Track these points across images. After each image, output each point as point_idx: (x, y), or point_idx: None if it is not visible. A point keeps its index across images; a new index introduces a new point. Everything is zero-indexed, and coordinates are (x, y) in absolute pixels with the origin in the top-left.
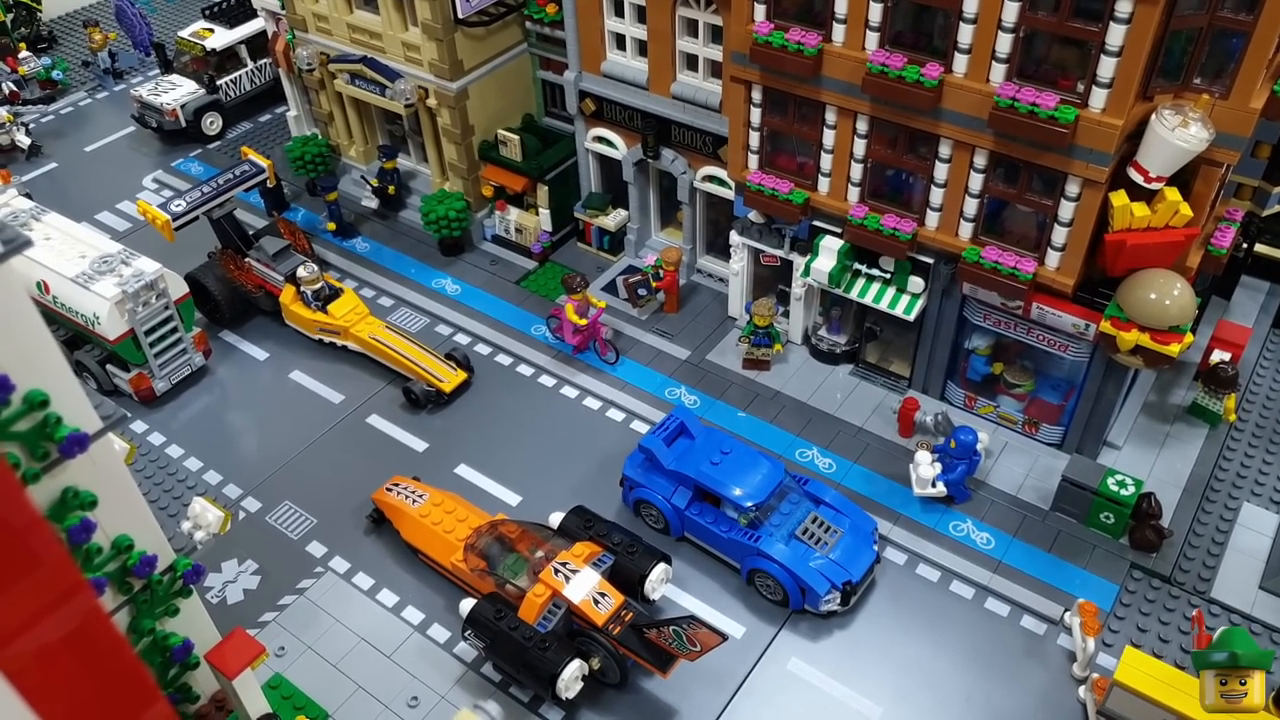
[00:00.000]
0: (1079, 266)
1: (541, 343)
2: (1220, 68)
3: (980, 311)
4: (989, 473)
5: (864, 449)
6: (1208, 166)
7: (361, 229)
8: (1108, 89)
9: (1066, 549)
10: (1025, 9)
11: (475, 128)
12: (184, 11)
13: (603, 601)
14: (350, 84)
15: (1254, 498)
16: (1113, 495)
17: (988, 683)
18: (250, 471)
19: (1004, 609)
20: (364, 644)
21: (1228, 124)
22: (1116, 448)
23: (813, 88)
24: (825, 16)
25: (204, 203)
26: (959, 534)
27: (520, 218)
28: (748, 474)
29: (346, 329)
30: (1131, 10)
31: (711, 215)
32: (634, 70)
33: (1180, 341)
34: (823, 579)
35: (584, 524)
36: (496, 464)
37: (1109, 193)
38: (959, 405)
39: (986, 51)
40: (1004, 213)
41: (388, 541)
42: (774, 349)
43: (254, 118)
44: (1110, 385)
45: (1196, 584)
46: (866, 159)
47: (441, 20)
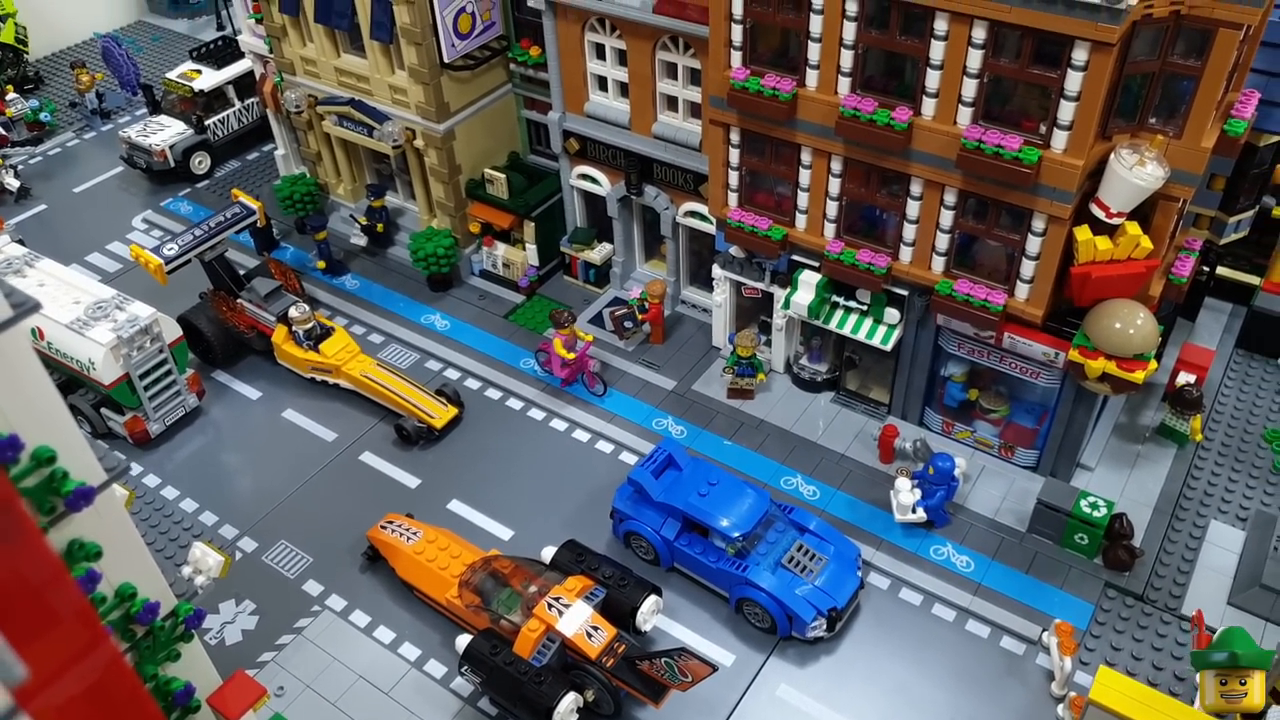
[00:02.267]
0: (1047, 298)
1: (530, 376)
2: (1173, 109)
3: (954, 341)
4: (967, 497)
5: (846, 475)
6: (1165, 201)
7: (351, 266)
8: (1068, 131)
9: (1043, 570)
10: (988, 56)
11: (462, 167)
12: (169, 51)
13: (596, 635)
14: (338, 125)
15: (1221, 515)
16: (1086, 517)
17: (970, 703)
18: (245, 511)
19: (984, 630)
20: (362, 681)
21: (1182, 162)
22: (1090, 469)
23: (788, 130)
24: (799, 62)
25: (196, 246)
26: (940, 558)
27: (507, 253)
28: (734, 504)
29: (339, 367)
30: (1087, 58)
31: (694, 247)
32: (616, 111)
33: (1145, 368)
34: (809, 606)
35: (575, 558)
36: (488, 499)
37: (1073, 228)
38: (937, 430)
39: (953, 96)
40: (974, 247)
41: (383, 579)
42: (757, 378)
43: (242, 156)
44: (1081, 410)
45: (1168, 601)
46: (841, 197)
47: (428, 64)
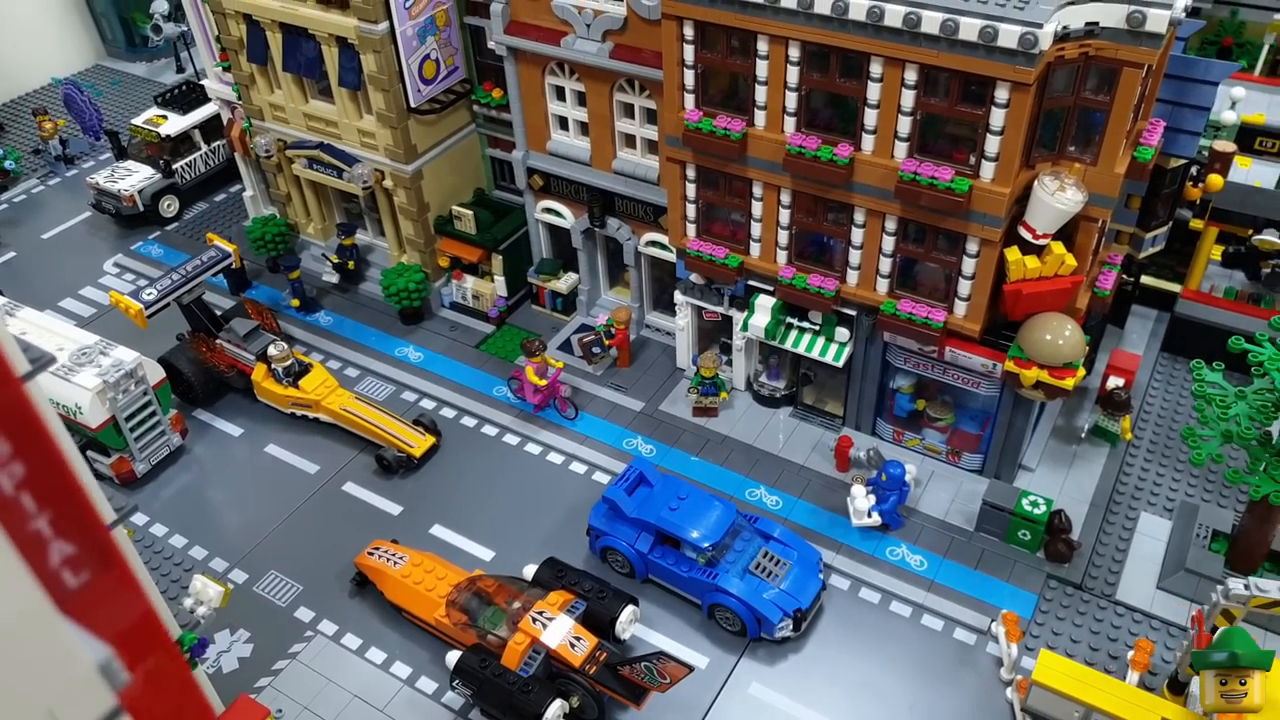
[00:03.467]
0: (983, 314)
1: (504, 403)
2: (1089, 139)
3: (901, 355)
4: (919, 500)
5: (806, 485)
6: (1086, 222)
7: (324, 303)
8: (995, 162)
9: (990, 565)
10: (920, 96)
11: (430, 204)
12: (129, 95)
13: (578, 645)
14: (308, 168)
15: (1150, 507)
16: (1027, 515)
17: (928, 691)
18: (235, 544)
19: (938, 624)
20: (357, 700)
21: (1098, 186)
22: (1030, 470)
23: (740, 166)
24: (748, 104)
25: (174, 290)
26: (895, 558)
27: (477, 285)
28: (703, 517)
29: (318, 402)
30: (1008, 96)
31: (656, 273)
32: (577, 149)
33: (1074, 375)
34: (776, 609)
35: (556, 574)
36: (469, 522)
37: (1004, 249)
38: (889, 439)
39: (890, 132)
40: (915, 269)
41: (372, 602)
42: (720, 397)
43: (210, 198)
44: (1019, 416)
45: (1104, 588)
46: (791, 226)
47: (395, 109)
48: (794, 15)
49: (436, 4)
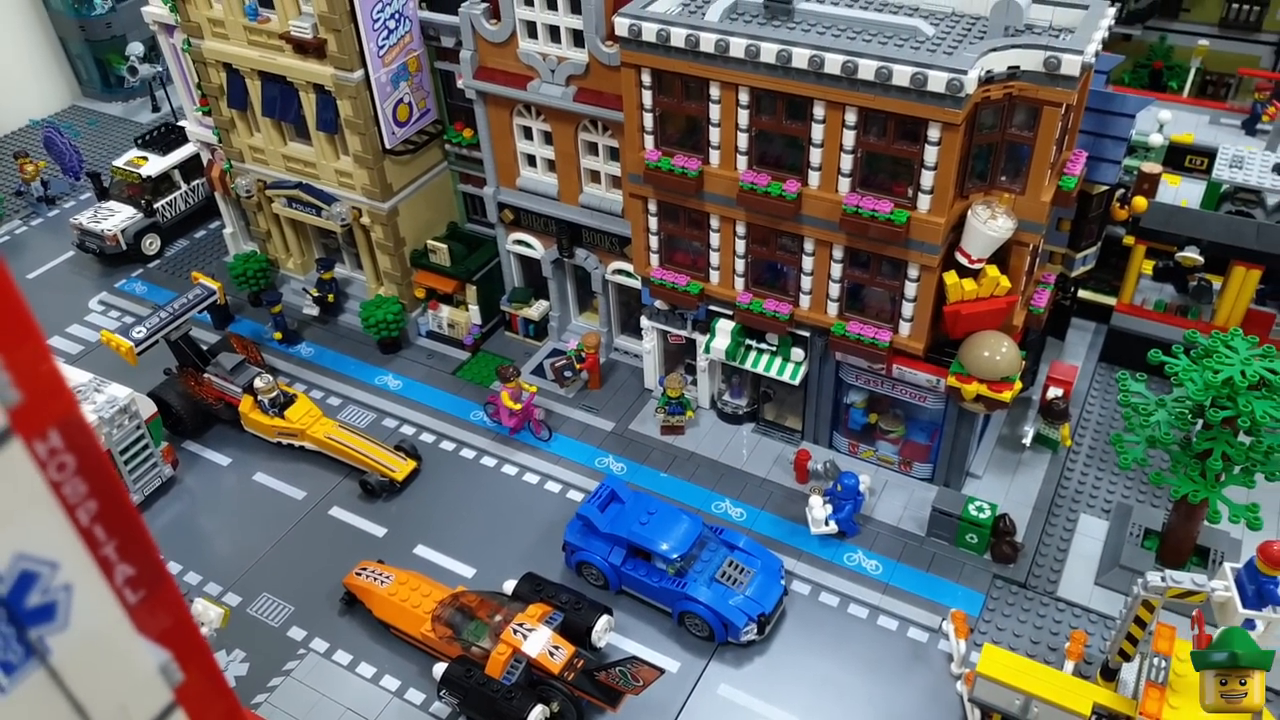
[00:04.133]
0: (926, 333)
1: (480, 427)
2: (1017, 170)
3: (853, 373)
4: (874, 508)
5: (769, 497)
6: (1018, 246)
7: (305, 335)
8: (930, 194)
9: (941, 567)
10: (860, 136)
11: (406, 239)
12: (107, 135)
13: (557, 653)
14: (287, 206)
15: (1089, 509)
16: (974, 519)
17: (884, 687)
18: (227, 569)
19: (893, 624)
20: (350, 713)
21: (1027, 213)
22: (978, 477)
23: (698, 201)
24: (703, 144)
25: (163, 328)
26: (852, 564)
27: (452, 314)
28: (672, 530)
29: (303, 431)
30: (940, 135)
31: (624, 299)
32: (545, 184)
33: (1011, 389)
34: (741, 614)
35: (534, 588)
36: (450, 541)
37: (943, 273)
38: (845, 452)
39: (833, 169)
40: (862, 293)
41: (361, 620)
42: (686, 415)
43: (190, 235)
44: (964, 427)
45: (1046, 586)
46: (747, 255)
47: (371, 151)
48: (742, 64)
49: (409, 51)
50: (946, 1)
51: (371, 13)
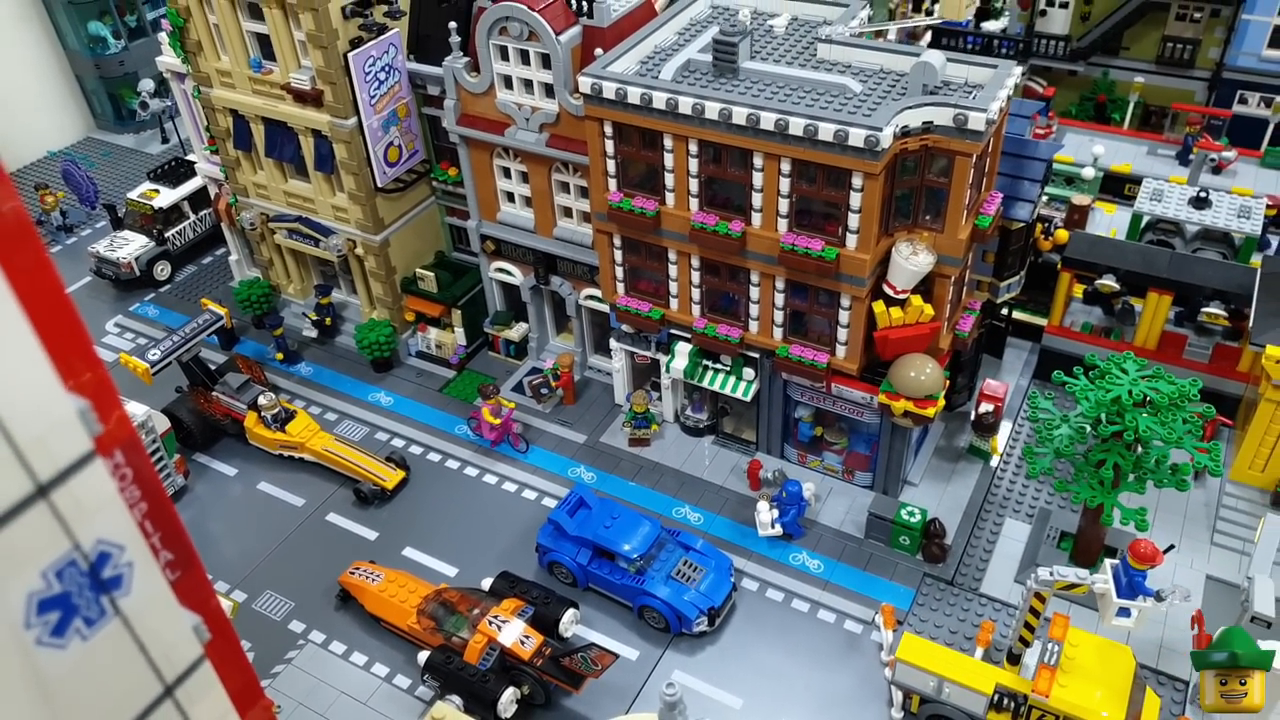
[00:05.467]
0: (859, 355)
1: (464, 440)
2: (937, 211)
3: (799, 390)
4: (819, 513)
5: (724, 503)
6: (940, 278)
7: (304, 355)
8: (856, 234)
9: (877, 566)
10: (794, 182)
11: (396, 267)
12: (119, 165)
13: (527, 642)
14: (288, 238)
15: (1014, 514)
16: (905, 523)
17: (822, 673)
18: (233, 569)
19: (831, 617)
20: (344, 696)
21: (946, 249)
22: (914, 484)
23: (656, 237)
24: (659, 187)
25: (175, 350)
26: (796, 563)
27: (439, 336)
28: (633, 533)
29: (303, 444)
30: (863, 183)
31: (596, 321)
32: (523, 218)
33: (935, 406)
34: (694, 608)
35: (509, 585)
36: (435, 543)
37: (872, 302)
38: (794, 461)
39: (773, 211)
40: (803, 319)
41: (355, 614)
42: (652, 428)
43: (198, 260)
44: (897, 439)
45: (971, 583)
46: (701, 285)
47: (364, 189)
48: (690, 120)
49: (398, 99)
50: (875, 59)
51: (364, 66)
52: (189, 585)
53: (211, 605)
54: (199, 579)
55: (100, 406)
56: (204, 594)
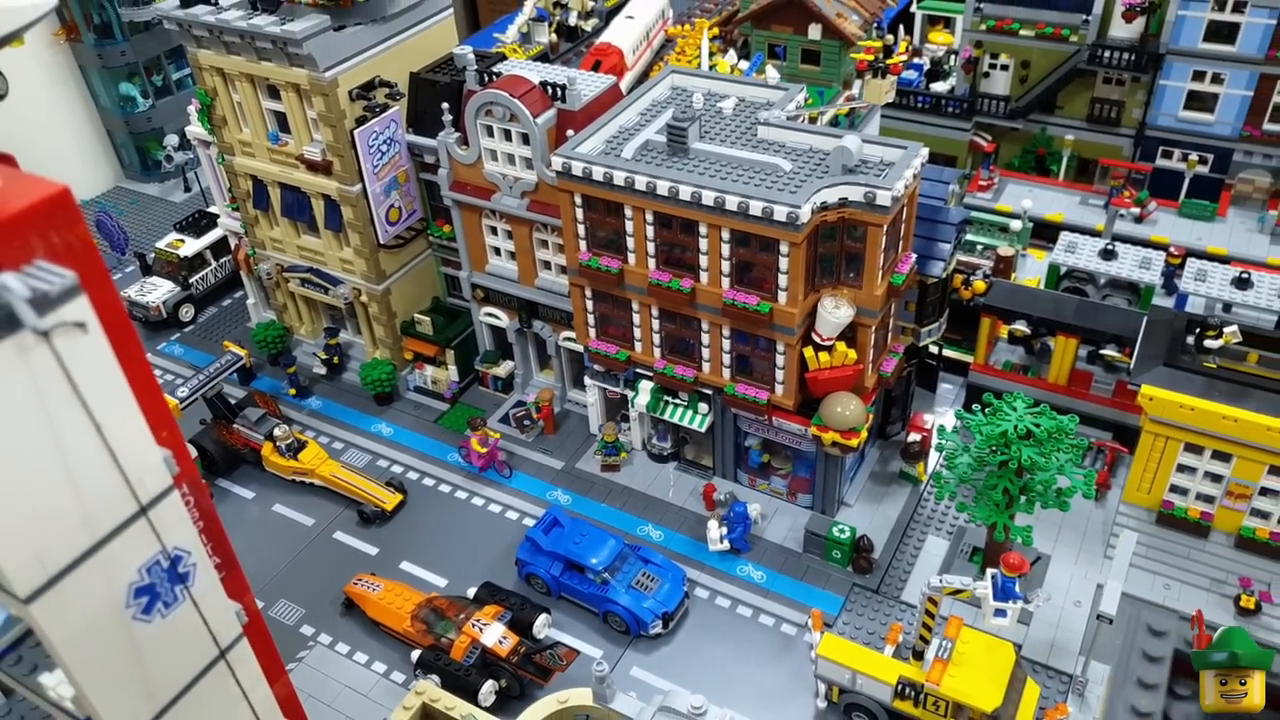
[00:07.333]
0: (795, 393)
1: (455, 466)
2: (857, 271)
3: (747, 422)
4: (765, 530)
5: (683, 521)
6: (862, 327)
7: (315, 390)
8: (786, 291)
9: (812, 577)
10: (733, 247)
11: (397, 312)
12: (146, 212)
13: (505, 641)
14: (301, 286)
15: (935, 532)
16: (836, 539)
17: (759, 669)
18: (251, 580)
19: (771, 620)
20: (348, 690)
21: (865, 303)
22: (850, 505)
23: (621, 290)
24: (622, 248)
25: (201, 388)
26: (743, 574)
27: (435, 373)
28: (599, 549)
29: (313, 470)
30: (788, 249)
31: (573, 359)
32: (508, 270)
33: (858, 438)
34: (651, 613)
35: (491, 593)
36: (429, 558)
37: (803, 348)
38: (746, 484)
39: (717, 270)
40: (747, 361)
41: (358, 620)
42: (621, 456)
43: (219, 303)
44: (831, 465)
45: (894, 592)
46: (661, 331)
47: (368, 245)
48: (645, 195)
49: (398, 167)
50: (806, 140)
51: (368, 141)
52: (232, 581)
53: (248, 598)
54: (239, 578)
55: (177, 455)
56: (242, 588)
